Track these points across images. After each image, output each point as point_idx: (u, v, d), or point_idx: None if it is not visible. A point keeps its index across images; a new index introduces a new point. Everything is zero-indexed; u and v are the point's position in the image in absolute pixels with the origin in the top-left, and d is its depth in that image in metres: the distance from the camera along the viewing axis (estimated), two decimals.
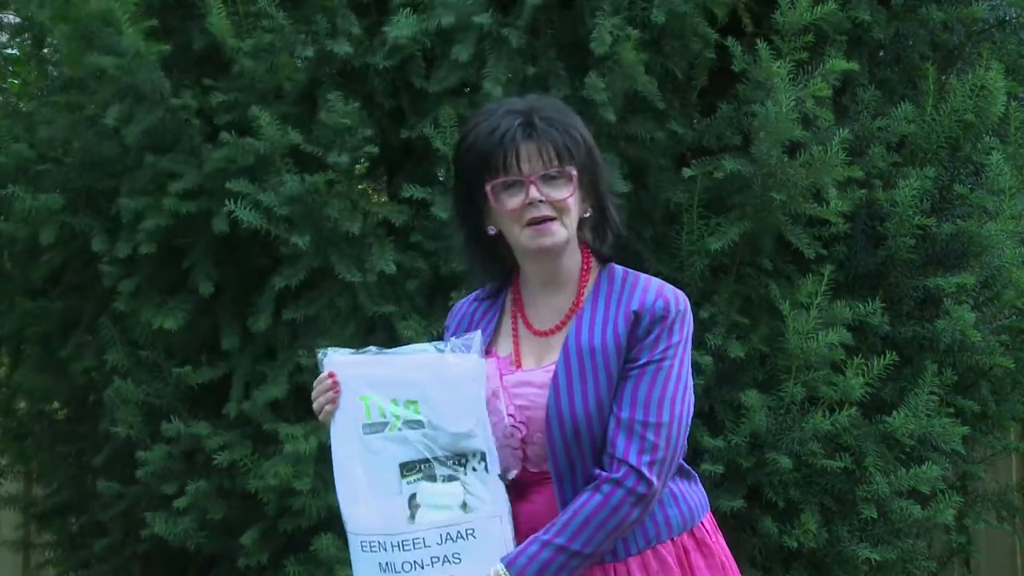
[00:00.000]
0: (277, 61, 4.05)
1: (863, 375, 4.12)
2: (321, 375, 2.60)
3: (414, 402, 2.51)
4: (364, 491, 2.54)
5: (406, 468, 2.51)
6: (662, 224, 4.19)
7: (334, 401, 2.58)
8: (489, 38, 4.05)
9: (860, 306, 4.21)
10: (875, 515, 4.20)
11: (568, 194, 2.54)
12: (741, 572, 4.21)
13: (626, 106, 4.08)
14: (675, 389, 2.52)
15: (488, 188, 2.53)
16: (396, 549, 2.49)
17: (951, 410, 4.32)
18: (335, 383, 2.58)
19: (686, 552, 2.60)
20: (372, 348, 2.62)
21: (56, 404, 4.78)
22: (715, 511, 4.09)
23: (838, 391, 4.11)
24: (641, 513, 2.50)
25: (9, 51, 4.43)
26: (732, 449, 4.10)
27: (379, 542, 2.51)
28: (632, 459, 2.48)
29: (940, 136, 4.36)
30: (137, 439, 4.21)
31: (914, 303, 4.46)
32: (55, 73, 4.32)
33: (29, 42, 4.35)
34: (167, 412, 4.20)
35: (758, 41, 4.04)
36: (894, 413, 4.19)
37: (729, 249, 4.12)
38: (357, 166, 4.02)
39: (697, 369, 4.01)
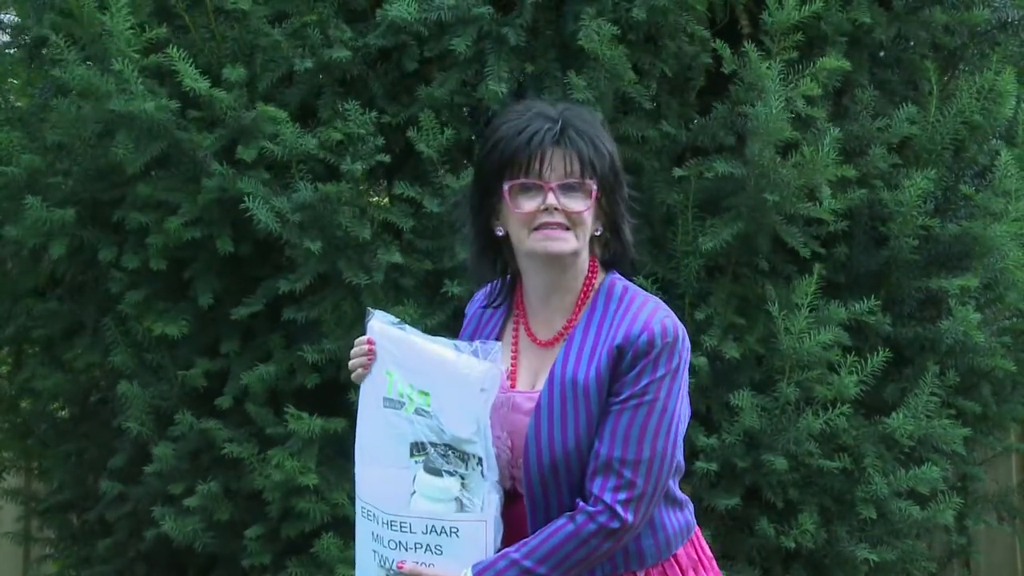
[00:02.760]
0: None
1: (857, 373, 4.12)
2: (362, 337, 2.63)
3: (427, 393, 2.55)
4: (376, 458, 2.59)
5: (415, 448, 2.55)
6: (659, 225, 4.18)
7: (367, 367, 2.60)
8: (489, 37, 4.06)
9: (856, 305, 4.19)
10: (874, 516, 4.19)
11: (584, 207, 2.52)
12: (740, 572, 4.18)
13: (618, 106, 4.08)
14: (658, 424, 2.48)
15: (506, 187, 2.51)
16: (386, 526, 2.56)
17: (952, 411, 4.31)
18: (371, 350, 2.60)
19: None
20: (407, 326, 2.63)
21: (57, 404, 4.78)
22: (711, 510, 4.12)
23: (832, 390, 4.11)
24: (613, 546, 2.49)
25: (9, 51, 4.44)
26: (726, 448, 4.11)
27: (373, 513, 2.59)
28: (607, 497, 2.46)
29: (944, 137, 4.35)
30: (148, 437, 4.24)
31: (915, 304, 4.45)
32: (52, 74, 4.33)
33: (28, 43, 4.36)
34: (171, 414, 4.23)
35: (746, 43, 4.03)
36: (893, 414, 4.19)
37: (724, 249, 4.11)
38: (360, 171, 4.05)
39: (692, 370, 4.01)
